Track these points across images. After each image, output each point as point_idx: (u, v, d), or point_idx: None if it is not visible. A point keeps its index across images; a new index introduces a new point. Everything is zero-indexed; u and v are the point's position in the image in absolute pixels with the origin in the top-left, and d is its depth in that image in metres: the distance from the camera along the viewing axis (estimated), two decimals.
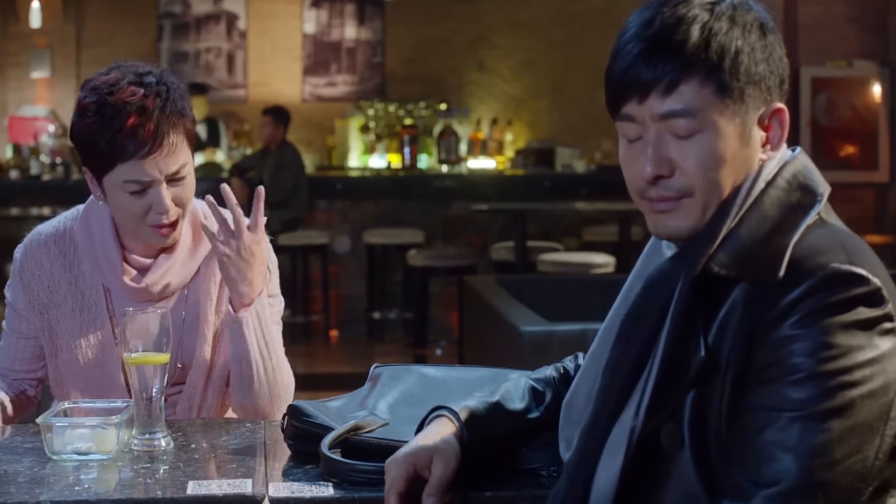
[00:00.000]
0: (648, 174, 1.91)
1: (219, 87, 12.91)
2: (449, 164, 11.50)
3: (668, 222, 1.93)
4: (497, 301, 5.77)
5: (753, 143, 1.90)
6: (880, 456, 1.76)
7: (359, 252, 10.61)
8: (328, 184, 10.93)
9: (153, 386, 2.47)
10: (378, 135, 12.14)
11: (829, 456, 1.72)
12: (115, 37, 12.57)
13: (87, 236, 2.86)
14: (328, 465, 2.23)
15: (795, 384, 1.74)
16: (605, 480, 1.89)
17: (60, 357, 2.86)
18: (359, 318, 10.64)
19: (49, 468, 2.35)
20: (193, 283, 2.90)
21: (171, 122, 2.73)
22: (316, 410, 2.41)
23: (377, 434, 2.33)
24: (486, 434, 2.16)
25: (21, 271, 2.89)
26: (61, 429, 2.41)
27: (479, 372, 2.55)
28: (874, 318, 1.77)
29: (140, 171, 2.72)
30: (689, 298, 1.84)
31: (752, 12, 1.91)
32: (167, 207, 2.75)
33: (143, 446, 2.46)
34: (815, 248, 1.81)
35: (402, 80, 12.78)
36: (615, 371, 1.94)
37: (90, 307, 2.86)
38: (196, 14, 12.98)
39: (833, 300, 1.75)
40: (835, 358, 1.74)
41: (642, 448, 1.86)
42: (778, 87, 1.91)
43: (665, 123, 1.89)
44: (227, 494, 2.17)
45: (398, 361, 8.86)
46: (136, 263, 2.85)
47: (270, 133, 10.54)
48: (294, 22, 12.97)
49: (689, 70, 1.86)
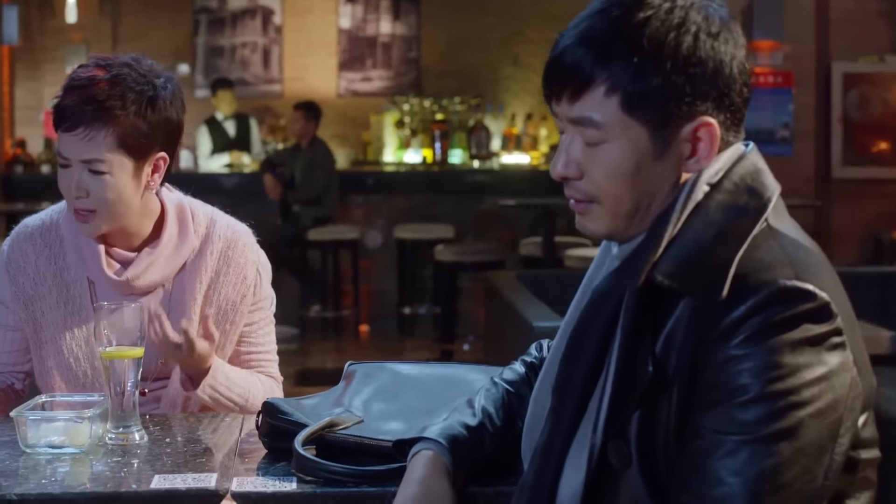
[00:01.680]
0: (555, 174, 1.91)
1: (254, 83, 12.96)
2: (480, 160, 11.48)
3: (584, 222, 1.92)
4: (514, 296, 5.74)
5: (672, 156, 1.85)
6: (830, 476, 1.73)
7: (389, 247, 10.61)
8: (359, 179, 10.94)
9: (127, 380, 2.47)
10: (413, 130, 12.14)
11: (778, 480, 1.68)
12: (151, 32, 12.63)
13: (73, 228, 2.87)
14: (300, 463, 2.22)
15: (743, 406, 1.70)
16: (567, 498, 1.86)
17: (45, 349, 2.87)
18: (389, 314, 10.64)
19: (21, 461, 2.36)
20: (178, 280, 2.90)
21: (101, 116, 2.72)
22: (291, 408, 2.39)
23: (352, 431, 2.32)
24: (475, 460, 2.13)
25: (7, 263, 2.91)
26: (34, 422, 2.42)
27: (452, 369, 2.54)
28: (822, 334, 1.72)
29: (63, 143, 2.77)
30: (635, 311, 1.80)
31: (688, 21, 1.83)
32: (73, 192, 2.77)
33: (117, 440, 2.46)
34: (760, 263, 1.76)
35: (437, 75, 12.78)
36: (563, 392, 1.91)
37: (74, 300, 2.87)
38: (232, 9, 13.02)
39: (779, 318, 1.71)
40: (782, 378, 1.69)
41: (600, 464, 1.83)
42: (712, 99, 1.83)
43: (576, 128, 1.87)
44: (189, 488, 2.17)
45: (426, 357, 8.82)
46: (119, 257, 2.86)
47: (301, 129, 10.54)
48: (329, 17, 12.99)
49: (593, 81, 1.83)
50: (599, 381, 1.85)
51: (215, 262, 2.90)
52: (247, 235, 2.97)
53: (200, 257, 2.90)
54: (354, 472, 2.18)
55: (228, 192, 10.57)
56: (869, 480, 1.85)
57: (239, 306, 2.92)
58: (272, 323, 3.01)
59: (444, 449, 2.08)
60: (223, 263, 2.91)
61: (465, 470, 2.10)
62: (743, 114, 1.89)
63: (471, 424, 2.14)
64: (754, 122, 9.31)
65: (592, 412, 1.85)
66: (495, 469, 2.16)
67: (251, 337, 2.98)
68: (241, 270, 2.92)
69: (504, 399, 2.22)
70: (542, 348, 2.35)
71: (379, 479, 2.17)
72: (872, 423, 1.86)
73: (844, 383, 1.74)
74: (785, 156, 9.18)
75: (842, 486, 1.79)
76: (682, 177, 1.86)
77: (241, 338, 2.96)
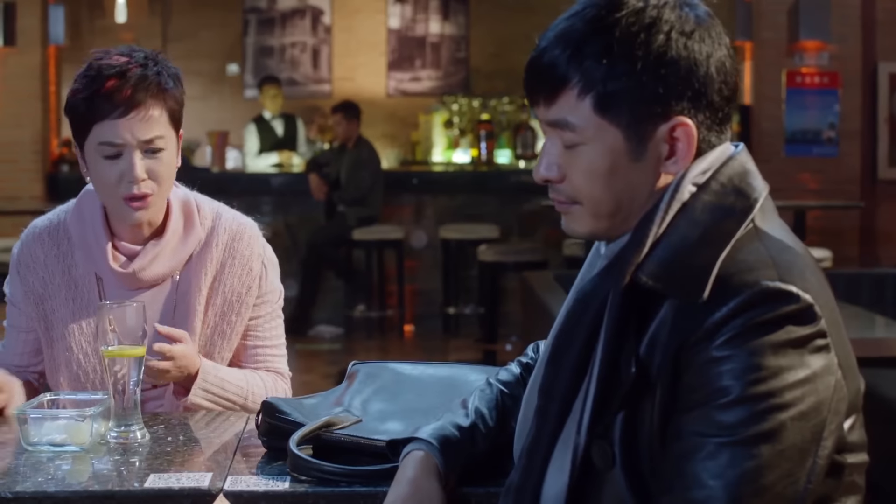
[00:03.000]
0: (537, 177, 1.91)
1: (304, 82, 13.01)
2: (525, 160, 11.46)
3: (568, 223, 1.93)
4: (548, 296, 5.75)
5: (650, 157, 1.84)
6: (812, 479, 1.71)
7: (434, 247, 10.61)
8: (405, 179, 10.95)
9: (129, 379, 2.48)
10: (462, 130, 12.13)
11: (759, 482, 1.67)
12: (201, 31, 12.72)
13: (79, 225, 2.90)
14: (293, 462, 2.22)
15: (724, 408, 1.69)
16: (551, 499, 1.86)
17: (55, 347, 2.89)
18: (434, 313, 10.64)
19: (23, 459, 2.37)
20: (185, 272, 2.92)
21: (150, 92, 2.76)
22: (289, 407, 2.40)
23: (349, 431, 2.32)
24: (467, 461, 2.12)
25: (18, 264, 2.94)
26: (36, 420, 2.43)
27: (453, 369, 2.54)
28: (805, 336, 1.71)
29: (113, 132, 2.74)
30: (620, 312, 1.80)
31: (660, 21, 1.81)
32: (137, 175, 2.76)
33: (118, 438, 2.47)
34: (743, 265, 1.75)
35: (486, 75, 12.78)
36: (548, 393, 1.91)
37: (83, 296, 2.89)
38: (281, 9, 13.08)
39: (761, 319, 1.70)
40: (764, 380, 1.68)
41: (584, 465, 1.82)
42: (688, 99, 1.82)
43: (554, 130, 1.87)
44: (183, 488, 2.18)
45: (470, 358, 8.78)
46: (125, 250, 2.88)
47: (345, 130, 10.57)
48: (379, 17, 13.03)
49: (565, 84, 1.83)
50: (584, 382, 1.85)
51: (221, 254, 2.92)
52: (252, 228, 2.99)
53: (206, 249, 2.92)
54: (347, 472, 2.18)
55: (275, 192, 10.62)
56: (856, 485, 1.83)
57: (244, 298, 2.93)
58: (280, 317, 3.02)
59: (434, 449, 2.08)
60: (228, 255, 2.93)
61: (457, 470, 2.10)
62: (726, 113, 1.87)
63: (463, 425, 2.14)
64: (800, 122, 9.27)
65: (577, 413, 1.84)
66: (488, 470, 2.15)
67: (258, 330, 2.99)
68: (246, 262, 2.94)
69: (498, 400, 2.22)
70: (539, 349, 2.34)
71: (371, 479, 2.17)
72: (860, 426, 1.84)
73: (828, 386, 1.72)
74: (830, 156, 9.13)
75: (827, 490, 1.77)
76: (663, 178, 1.85)
77: (248, 331, 2.97)
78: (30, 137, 10.43)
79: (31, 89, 10.45)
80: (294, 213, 10.66)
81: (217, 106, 12.87)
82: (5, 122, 10.32)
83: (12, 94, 10.34)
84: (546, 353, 1.96)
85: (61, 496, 2.17)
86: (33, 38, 10.43)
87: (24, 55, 10.38)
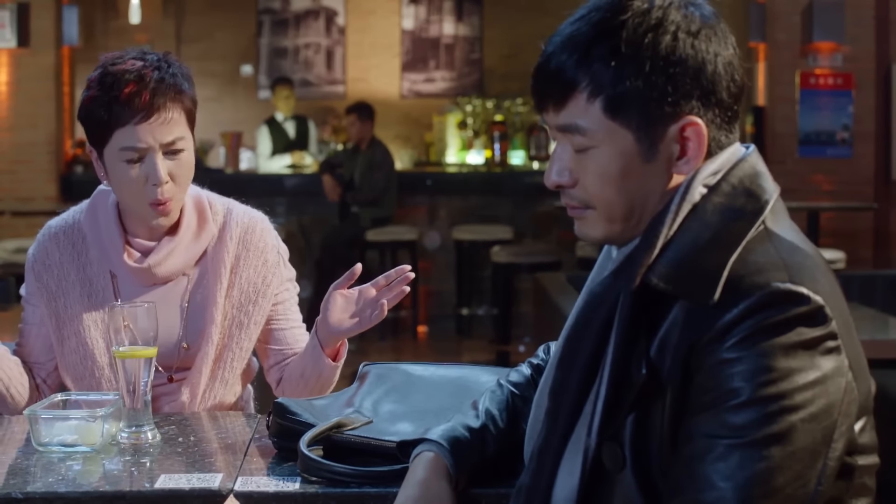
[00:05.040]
0: (549, 182, 1.91)
1: (318, 83, 13.02)
2: (539, 161, 11.46)
3: (581, 228, 1.93)
4: (561, 297, 5.75)
5: (662, 158, 1.84)
6: (823, 481, 1.71)
7: (448, 248, 10.61)
8: (418, 180, 10.95)
9: (140, 379, 2.49)
10: (476, 131, 12.13)
11: (769, 484, 1.66)
12: (215, 32, 12.73)
13: (93, 223, 2.93)
14: (304, 463, 2.23)
15: (735, 410, 1.68)
16: (562, 501, 1.86)
17: (68, 345, 2.90)
18: (447, 314, 10.64)
19: (34, 460, 2.38)
20: (201, 266, 2.96)
21: (168, 95, 2.78)
22: (300, 408, 2.40)
23: (360, 432, 2.32)
24: (477, 462, 2.12)
25: (33, 263, 2.97)
26: (47, 421, 2.44)
27: (464, 370, 2.55)
28: (816, 337, 1.70)
29: (135, 137, 2.76)
30: (630, 314, 1.80)
31: (666, 21, 1.82)
32: (161, 178, 2.78)
33: (129, 439, 2.48)
34: (754, 266, 1.74)
35: (500, 76, 12.78)
36: (559, 395, 1.91)
37: (97, 293, 2.91)
38: (295, 10, 13.09)
39: (772, 321, 1.69)
40: (774, 381, 1.67)
41: (594, 467, 1.82)
42: (696, 98, 1.82)
43: (564, 135, 1.87)
44: (193, 488, 2.18)
45: (484, 359, 8.79)
46: (140, 247, 2.91)
47: (358, 131, 10.57)
48: (392, 18, 13.03)
49: (574, 88, 1.83)
50: (594, 384, 1.85)
51: (235, 248, 2.96)
52: (263, 221, 3.05)
53: (220, 244, 2.96)
54: (357, 473, 2.18)
55: (289, 193, 10.63)
56: (866, 487, 1.82)
57: (261, 288, 2.98)
58: (297, 299, 3.12)
59: (445, 451, 2.08)
60: (243, 248, 2.97)
61: (467, 472, 2.10)
62: (735, 112, 1.87)
63: (473, 426, 2.14)
64: (814, 124, 9.25)
65: (587, 415, 1.84)
66: (499, 471, 2.15)
67: (287, 314, 3.07)
68: (261, 254, 2.99)
69: (508, 401, 2.22)
70: (550, 350, 2.34)
71: (381, 480, 2.17)
72: (871, 428, 1.83)
73: (839, 388, 1.72)
74: (844, 158, 9.12)
75: (837, 492, 1.76)
76: (675, 178, 1.85)
77: (273, 317, 3.04)
78: (44, 138, 10.45)
79: (45, 90, 10.47)
80: (308, 214, 10.67)
81: (231, 107, 12.89)
82: (19, 122, 10.34)
83: (26, 95, 10.37)
84: (556, 355, 1.96)
85: (72, 497, 2.17)
86: (47, 39, 10.45)
87: (37, 56, 10.40)
